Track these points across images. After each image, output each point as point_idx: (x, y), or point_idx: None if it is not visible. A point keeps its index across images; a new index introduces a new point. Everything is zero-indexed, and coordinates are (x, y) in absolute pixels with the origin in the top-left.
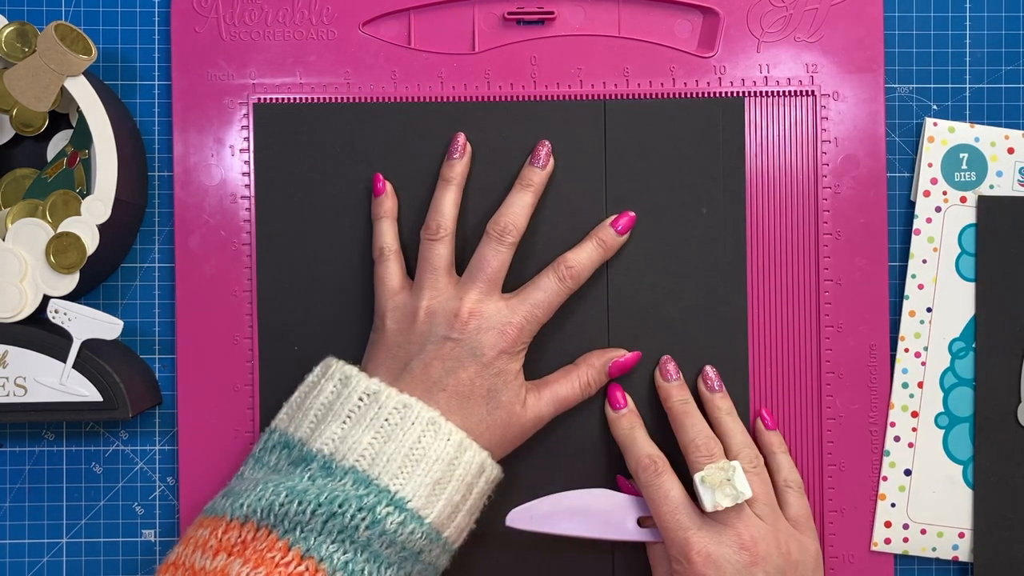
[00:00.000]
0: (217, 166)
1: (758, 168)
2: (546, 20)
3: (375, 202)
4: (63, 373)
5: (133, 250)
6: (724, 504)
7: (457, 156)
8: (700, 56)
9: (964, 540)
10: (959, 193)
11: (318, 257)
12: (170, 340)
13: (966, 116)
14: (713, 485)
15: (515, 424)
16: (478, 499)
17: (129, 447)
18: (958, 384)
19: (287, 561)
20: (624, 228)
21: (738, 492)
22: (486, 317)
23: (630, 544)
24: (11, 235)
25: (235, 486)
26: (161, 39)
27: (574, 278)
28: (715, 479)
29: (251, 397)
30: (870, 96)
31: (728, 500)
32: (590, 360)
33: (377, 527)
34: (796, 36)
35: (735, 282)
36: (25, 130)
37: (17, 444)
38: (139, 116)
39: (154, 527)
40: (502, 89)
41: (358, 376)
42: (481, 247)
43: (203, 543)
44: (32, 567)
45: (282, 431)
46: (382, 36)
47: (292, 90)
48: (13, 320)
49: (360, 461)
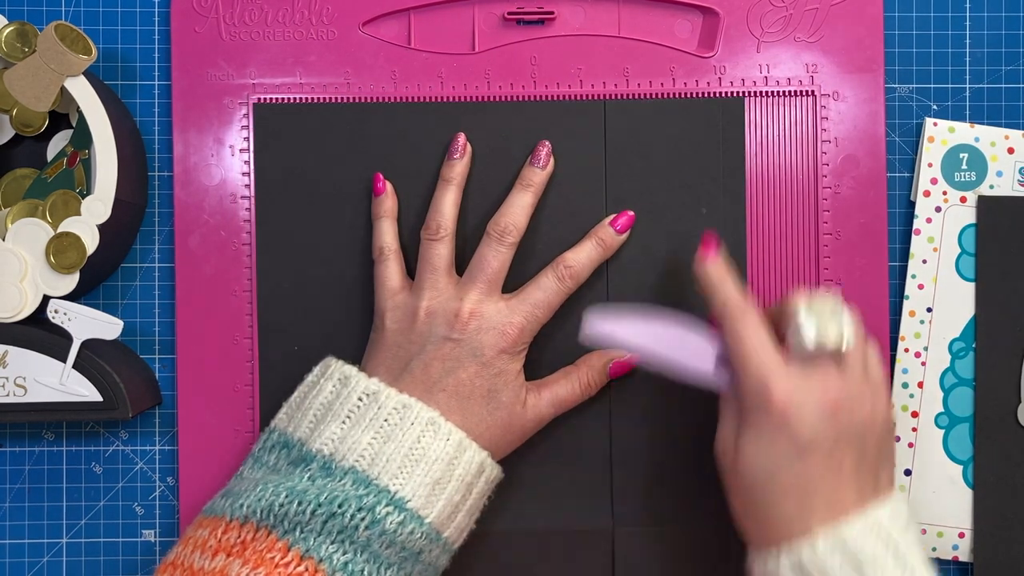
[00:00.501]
0: (217, 166)
1: (758, 168)
2: (546, 20)
3: (375, 202)
4: (63, 373)
5: (133, 250)
6: (828, 341)
7: (457, 156)
8: (700, 56)
9: (964, 540)
10: (959, 193)
11: (318, 257)
12: (170, 340)
13: (966, 116)
14: (819, 316)
15: (515, 424)
16: (478, 499)
17: (129, 447)
18: (958, 384)
19: (287, 562)
20: (623, 227)
21: (844, 334)
22: (486, 317)
23: (630, 544)
24: (11, 235)
25: (234, 486)
26: (161, 39)
27: (573, 278)
28: (823, 311)
29: (251, 397)
30: (870, 96)
31: (833, 338)
32: (590, 361)
33: (377, 527)
34: (796, 36)
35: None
36: (25, 130)
37: (17, 444)
38: (139, 116)
39: (154, 527)
40: (502, 89)
41: (357, 376)
42: (481, 247)
43: (202, 543)
44: (32, 567)
45: (281, 431)
46: (382, 36)
47: (292, 90)
48: (13, 320)
49: (360, 461)
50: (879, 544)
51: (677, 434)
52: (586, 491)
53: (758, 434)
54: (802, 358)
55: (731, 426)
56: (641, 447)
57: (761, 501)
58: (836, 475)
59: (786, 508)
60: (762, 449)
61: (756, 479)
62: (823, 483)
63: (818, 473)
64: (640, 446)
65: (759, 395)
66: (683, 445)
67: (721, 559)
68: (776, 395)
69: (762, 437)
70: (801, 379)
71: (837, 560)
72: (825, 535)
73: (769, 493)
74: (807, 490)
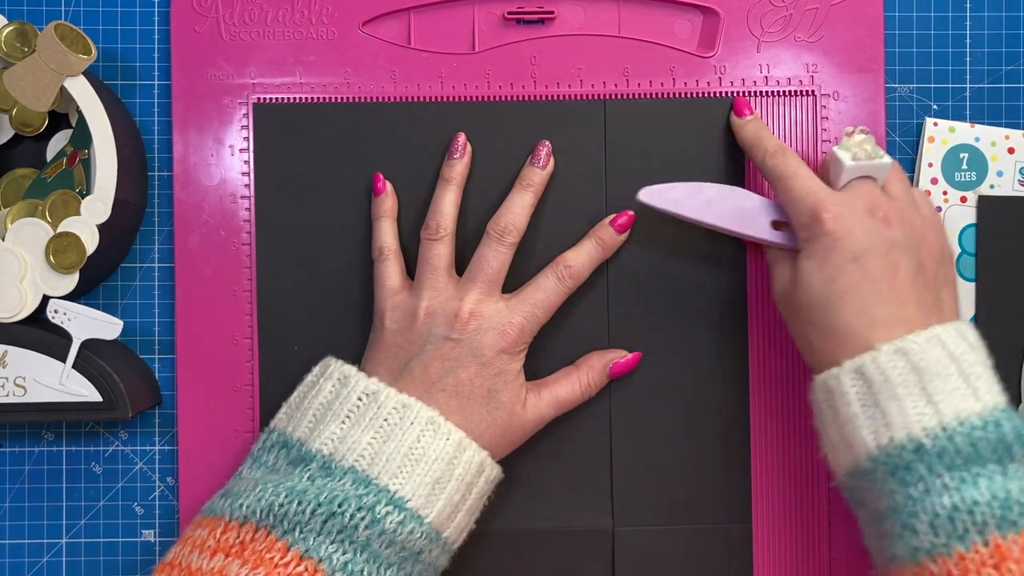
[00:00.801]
0: (217, 166)
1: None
2: (546, 20)
3: (375, 202)
4: (63, 373)
5: (133, 250)
6: (863, 155)
7: (457, 156)
8: (700, 56)
9: None
10: (959, 193)
11: (318, 257)
12: (170, 340)
13: (966, 116)
14: (853, 143)
15: (515, 424)
16: (477, 499)
17: (129, 447)
18: None
19: (286, 562)
20: (623, 227)
21: (877, 152)
22: (486, 317)
23: (630, 544)
24: (11, 235)
25: (233, 486)
26: (161, 39)
27: (573, 277)
28: (855, 141)
29: (251, 397)
30: (870, 96)
31: (868, 152)
32: (591, 361)
33: (376, 527)
34: (796, 36)
35: (735, 282)
36: (25, 130)
37: (17, 444)
38: (139, 116)
39: (154, 527)
40: (502, 89)
41: (357, 376)
42: (481, 247)
43: (201, 543)
44: (32, 567)
45: (280, 431)
46: (382, 36)
47: (292, 90)
48: (13, 320)
49: (359, 461)
50: (943, 356)
51: (677, 434)
52: (586, 491)
53: (814, 254)
54: (846, 184)
55: (786, 268)
56: (641, 447)
57: (822, 313)
58: (892, 279)
59: (846, 316)
60: (818, 264)
61: (815, 291)
62: (882, 287)
63: (876, 275)
64: (640, 446)
65: (811, 220)
66: (683, 445)
67: (721, 559)
68: (827, 215)
69: (817, 255)
70: (848, 197)
71: (899, 366)
72: (888, 344)
73: (829, 301)
74: (866, 294)
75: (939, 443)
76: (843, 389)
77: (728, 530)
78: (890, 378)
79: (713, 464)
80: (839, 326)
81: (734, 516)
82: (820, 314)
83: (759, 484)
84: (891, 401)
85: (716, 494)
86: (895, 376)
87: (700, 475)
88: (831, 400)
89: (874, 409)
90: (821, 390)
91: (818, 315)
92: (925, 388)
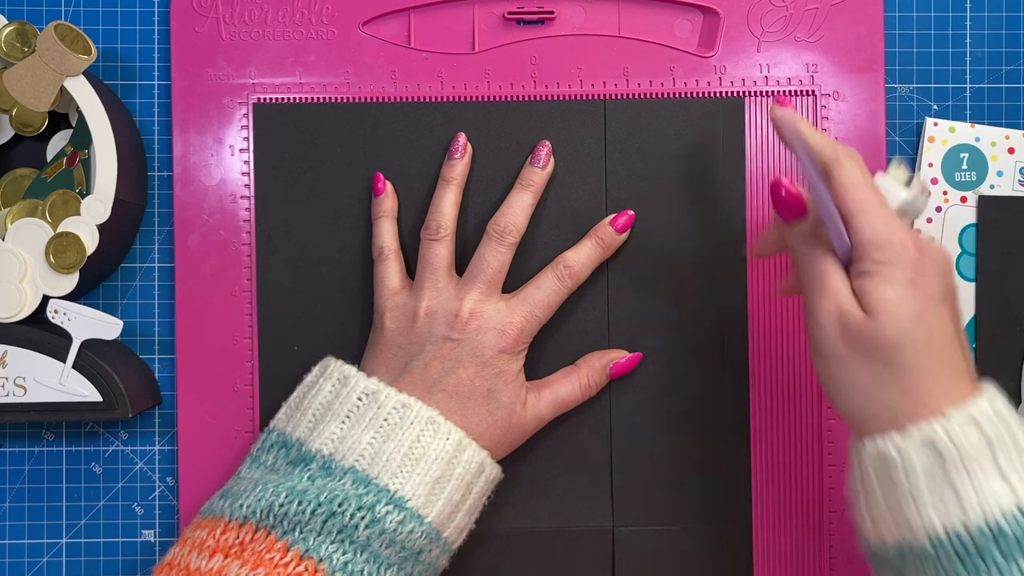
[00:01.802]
0: (217, 166)
1: (758, 168)
2: (546, 20)
3: (375, 202)
4: (63, 373)
5: (133, 250)
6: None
7: (458, 156)
8: (700, 56)
9: None
10: (959, 193)
11: (318, 257)
12: (170, 340)
13: (966, 116)
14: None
15: (515, 424)
16: (477, 499)
17: (129, 447)
18: None
19: (286, 562)
20: (623, 227)
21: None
22: (486, 317)
23: (630, 544)
24: (11, 235)
25: (232, 486)
26: (161, 39)
27: (573, 277)
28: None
29: (251, 397)
30: (870, 96)
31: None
32: (591, 362)
33: (376, 526)
34: (796, 36)
35: (735, 282)
36: (25, 130)
37: (17, 444)
38: (139, 116)
39: (154, 527)
40: (502, 89)
41: (357, 376)
42: (481, 247)
43: (200, 544)
44: (32, 567)
45: (280, 431)
46: (382, 36)
47: (292, 90)
48: (13, 320)
49: (359, 461)
50: (1003, 425)
51: (677, 434)
52: (586, 491)
53: (894, 280)
54: None
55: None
56: (641, 447)
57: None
58: (959, 330)
59: (932, 363)
60: (902, 295)
61: (905, 326)
62: (955, 337)
63: (953, 321)
64: (640, 446)
65: (889, 242)
66: (683, 445)
67: (721, 559)
68: (908, 242)
69: (901, 284)
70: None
71: (972, 438)
72: (957, 412)
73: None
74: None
75: (1021, 527)
76: (910, 463)
77: (728, 530)
78: (964, 451)
79: (713, 464)
80: (921, 374)
81: (734, 516)
82: (903, 355)
83: (759, 484)
84: (964, 478)
85: (716, 494)
86: (969, 449)
87: (700, 475)
88: (888, 471)
89: (944, 486)
90: (875, 458)
91: (900, 356)
92: (998, 463)
